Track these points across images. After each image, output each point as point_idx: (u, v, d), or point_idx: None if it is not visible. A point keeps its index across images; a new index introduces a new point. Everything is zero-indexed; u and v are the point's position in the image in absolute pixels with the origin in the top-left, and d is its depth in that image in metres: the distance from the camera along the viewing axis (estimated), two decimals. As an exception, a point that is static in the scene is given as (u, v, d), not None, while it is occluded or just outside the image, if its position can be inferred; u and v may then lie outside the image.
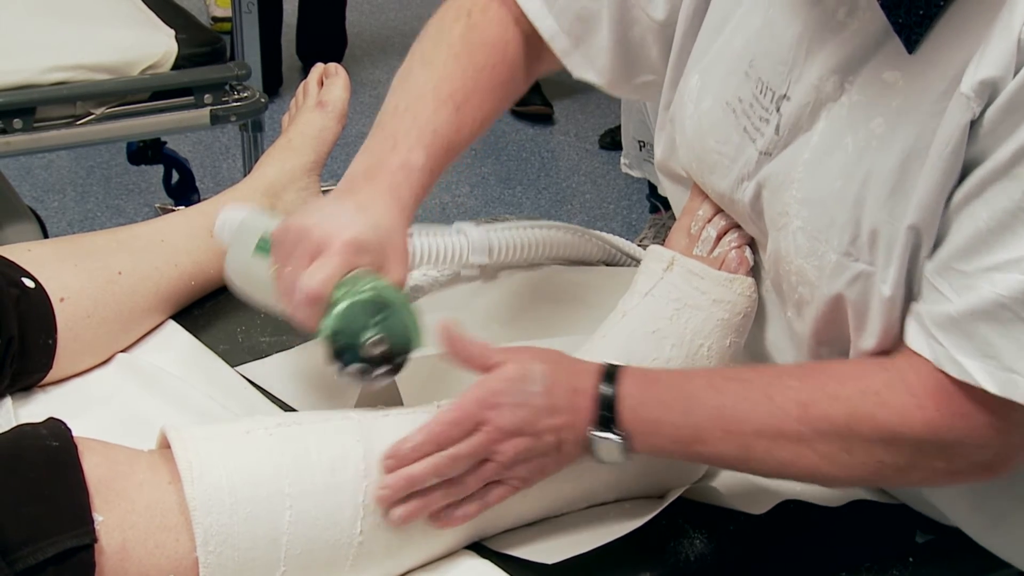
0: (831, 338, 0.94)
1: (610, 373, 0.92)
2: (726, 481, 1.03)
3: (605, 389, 0.91)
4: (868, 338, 0.90)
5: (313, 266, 0.91)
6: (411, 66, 1.08)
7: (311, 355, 1.16)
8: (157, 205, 2.79)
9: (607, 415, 0.90)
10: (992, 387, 0.80)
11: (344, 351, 0.91)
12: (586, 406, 0.91)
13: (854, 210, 0.87)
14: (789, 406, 0.87)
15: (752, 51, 0.97)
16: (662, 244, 1.10)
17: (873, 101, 0.86)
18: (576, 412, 0.91)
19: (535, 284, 1.27)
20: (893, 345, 0.89)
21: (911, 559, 1.02)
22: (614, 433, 0.90)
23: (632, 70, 1.12)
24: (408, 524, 0.89)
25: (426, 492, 0.90)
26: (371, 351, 0.91)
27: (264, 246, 1.04)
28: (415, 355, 0.93)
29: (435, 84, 1.05)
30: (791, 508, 1.00)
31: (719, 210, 1.07)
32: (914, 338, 0.85)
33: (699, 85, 1.03)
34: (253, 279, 1.08)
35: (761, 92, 0.96)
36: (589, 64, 1.12)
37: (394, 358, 0.92)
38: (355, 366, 0.91)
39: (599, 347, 1.03)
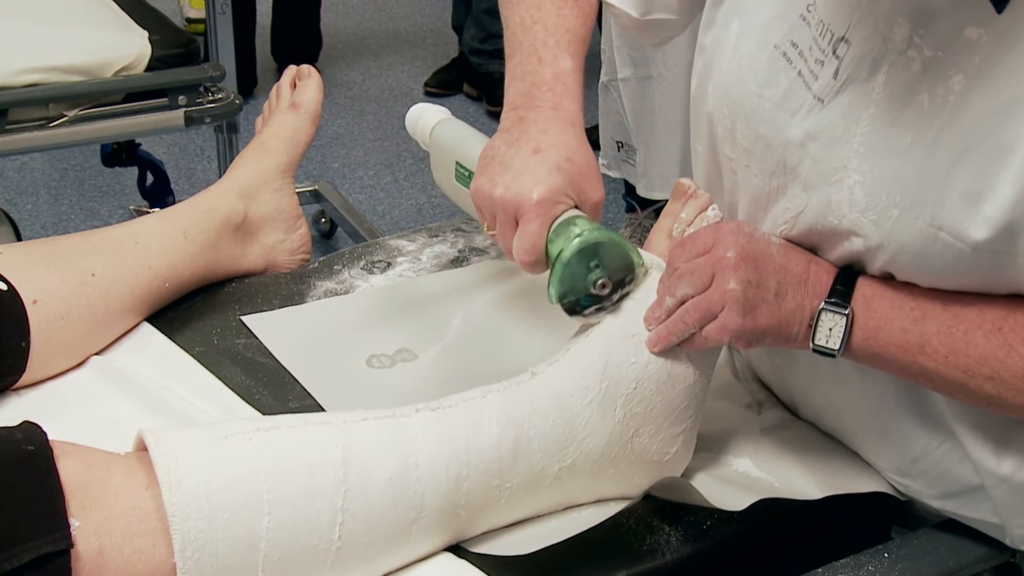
0: None
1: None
2: (703, 479, 1.04)
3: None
4: (956, 281, 0.89)
5: (517, 237, 0.97)
6: None
7: (313, 314, 1.29)
8: (132, 207, 2.78)
9: (842, 288, 0.92)
10: None
11: (577, 303, 0.99)
12: (821, 274, 0.94)
13: (922, 166, 0.86)
14: (1017, 343, 0.87)
15: None
16: (639, 244, 1.10)
17: (953, 58, 0.85)
18: (807, 276, 0.94)
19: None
20: (998, 288, 0.88)
21: (887, 554, 1.03)
22: (842, 312, 0.91)
23: (651, 1, 1.14)
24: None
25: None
26: (601, 292, 0.99)
27: (462, 176, 1.16)
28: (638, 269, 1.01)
29: None
30: (767, 505, 1.00)
31: (701, 212, 1.07)
32: None
33: (739, 30, 1.02)
34: (461, 201, 1.19)
35: (821, 34, 0.94)
36: None
37: (623, 282, 1.00)
38: (592, 308, 0.99)
39: (580, 347, 1.02)
